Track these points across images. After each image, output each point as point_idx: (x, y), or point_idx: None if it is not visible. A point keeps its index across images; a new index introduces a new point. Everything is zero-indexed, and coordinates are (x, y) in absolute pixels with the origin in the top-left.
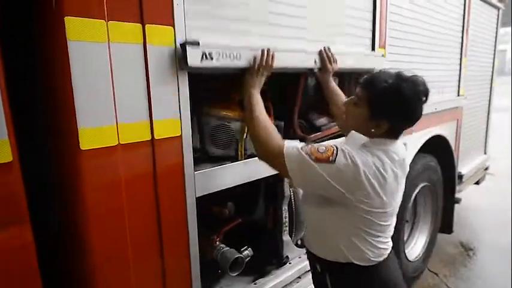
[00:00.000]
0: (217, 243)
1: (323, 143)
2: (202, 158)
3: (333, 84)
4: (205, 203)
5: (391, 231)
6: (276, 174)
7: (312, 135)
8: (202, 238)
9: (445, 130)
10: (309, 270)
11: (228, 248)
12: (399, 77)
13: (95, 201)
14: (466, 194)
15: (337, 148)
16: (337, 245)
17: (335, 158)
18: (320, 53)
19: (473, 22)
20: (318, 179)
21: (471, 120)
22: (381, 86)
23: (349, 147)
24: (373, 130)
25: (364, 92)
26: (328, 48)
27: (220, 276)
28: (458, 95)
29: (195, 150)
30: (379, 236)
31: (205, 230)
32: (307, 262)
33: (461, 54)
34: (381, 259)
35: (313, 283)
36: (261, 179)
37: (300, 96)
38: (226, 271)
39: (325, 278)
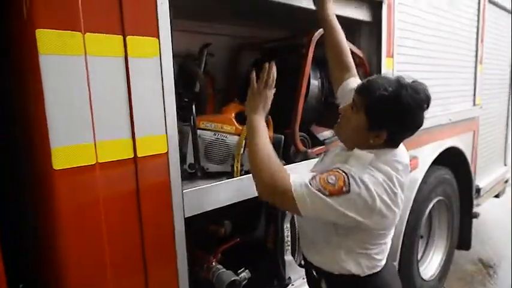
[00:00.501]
0: (214, 263)
1: (330, 171)
2: (198, 174)
3: (334, 21)
4: (202, 221)
5: (391, 239)
6: None
7: (315, 149)
8: (199, 258)
9: (461, 142)
10: None
11: (224, 270)
12: (399, 83)
13: (71, 224)
14: (485, 208)
15: (346, 175)
16: (337, 259)
17: (348, 188)
18: None
19: (488, 28)
20: (332, 212)
21: (489, 131)
22: (379, 94)
23: (357, 170)
24: (371, 141)
25: (360, 99)
26: None
27: None
28: (474, 105)
29: (190, 166)
30: (381, 247)
31: (202, 249)
32: None
33: (476, 61)
34: (380, 268)
35: (308, 284)
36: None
37: (300, 108)
38: None
39: (320, 283)
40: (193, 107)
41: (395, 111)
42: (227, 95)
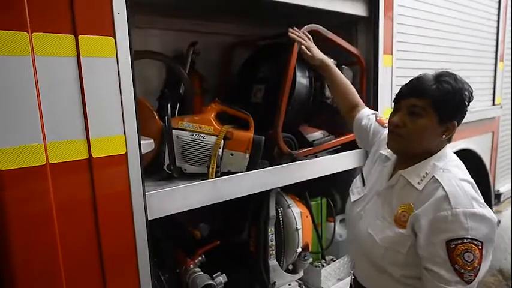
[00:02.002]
0: (191, 266)
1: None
2: (174, 175)
3: (335, 69)
4: (181, 223)
5: None
6: (258, 194)
7: (301, 151)
8: (179, 261)
9: (478, 143)
10: None
11: (200, 273)
12: (444, 74)
13: (18, 229)
14: (506, 214)
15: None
16: None
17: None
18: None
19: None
20: None
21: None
22: (442, 87)
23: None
24: (444, 136)
25: (421, 100)
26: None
27: None
28: (494, 104)
29: (168, 166)
30: None
31: (182, 252)
32: None
33: (496, 58)
34: None
35: None
36: (242, 198)
37: (284, 107)
38: None
39: None
40: (169, 106)
41: (458, 100)
42: (219, 94)
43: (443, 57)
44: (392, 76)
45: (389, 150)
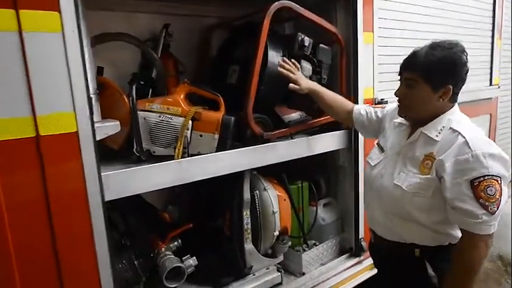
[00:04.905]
0: (163, 250)
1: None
2: (141, 157)
3: (323, 90)
4: (152, 206)
5: None
6: (230, 176)
7: (275, 132)
8: (153, 244)
9: None
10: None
11: (171, 256)
12: (435, 45)
13: None
14: (508, 200)
15: (498, 178)
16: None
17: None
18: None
19: None
20: None
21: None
22: (427, 60)
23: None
24: (441, 99)
25: (412, 73)
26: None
27: None
28: (491, 84)
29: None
30: None
31: (157, 236)
32: (277, 274)
33: (493, 35)
34: None
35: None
36: (219, 181)
37: (254, 86)
38: (162, 281)
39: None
40: (133, 88)
41: (447, 66)
42: (198, 76)
43: (432, 35)
44: (373, 54)
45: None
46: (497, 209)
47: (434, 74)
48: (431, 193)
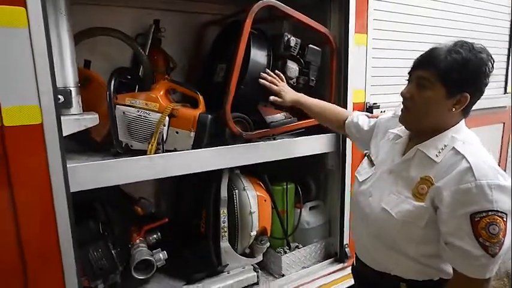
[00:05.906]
0: (137, 242)
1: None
2: (118, 151)
3: (310, 101)
4: (128, 200)
5: None
6: (207, 174)
7: (254, 133)
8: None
9: (485, 135)
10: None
11: (143, 249)
12: (460, 44)
13: None
14: None
15: (504, 215)
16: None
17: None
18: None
19: None
20: None
21: None
22: (450, 58)
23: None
24: (453, 109)
25: (428, 72)
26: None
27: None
28: (505, 93)
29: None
30: None
31: (135, 228)
32: (252, 274)
33: (510, 42)
34: None
35: None
36: (194, 177)
37: (234, 84)
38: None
39: None
40: (112, 82)
41: (470, 71)
42: (190, 73)
43: (434, 38)
44: (366, 56)
45: (399, 128)
46: (499, 251)
47: (454, 76)
48: (424, 224)
